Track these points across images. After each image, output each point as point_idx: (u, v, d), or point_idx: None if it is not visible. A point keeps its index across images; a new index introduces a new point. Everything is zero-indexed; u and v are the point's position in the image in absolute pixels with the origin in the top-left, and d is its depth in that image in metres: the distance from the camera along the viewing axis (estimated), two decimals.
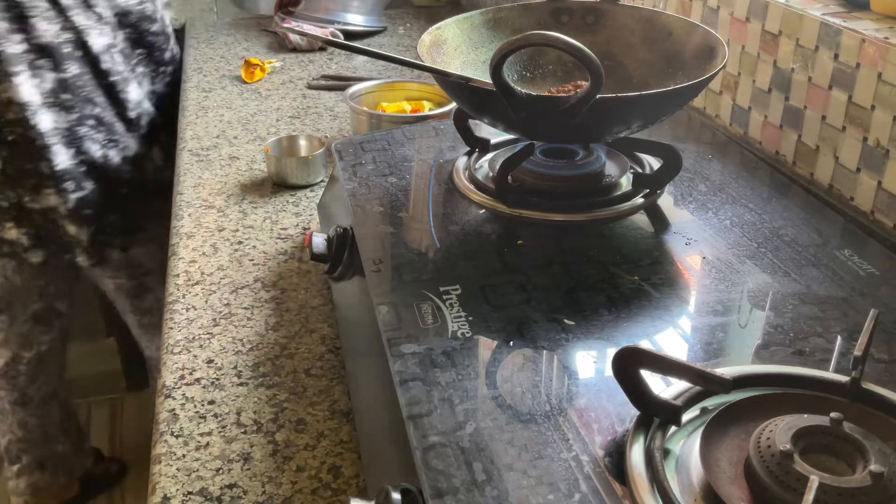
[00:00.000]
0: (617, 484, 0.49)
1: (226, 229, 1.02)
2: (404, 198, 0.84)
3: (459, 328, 0.63)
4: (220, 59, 1.66)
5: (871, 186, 0.82)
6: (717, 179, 0.86)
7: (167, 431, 0.70)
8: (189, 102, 1.44)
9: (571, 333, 0.62)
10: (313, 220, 1.04)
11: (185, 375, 0.77)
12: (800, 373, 0.56)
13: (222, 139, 1.29)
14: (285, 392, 0.74)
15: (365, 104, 1.25)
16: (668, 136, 0.96)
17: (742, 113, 1.02)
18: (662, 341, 0.62)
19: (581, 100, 0.70)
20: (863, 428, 0.48)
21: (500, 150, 0.89)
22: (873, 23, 0.83)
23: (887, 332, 0.62)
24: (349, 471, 0.66)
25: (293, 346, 0.81)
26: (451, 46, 0.92)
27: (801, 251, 0.73)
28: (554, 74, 0.96)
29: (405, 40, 1.78)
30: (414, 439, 0.52)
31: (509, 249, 0.75)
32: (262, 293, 0.89)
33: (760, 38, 0.96)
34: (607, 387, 0.56)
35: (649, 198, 0.81)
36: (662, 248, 0.76)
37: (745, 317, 0.66)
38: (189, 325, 0.84)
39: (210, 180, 1.15)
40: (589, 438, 0.52)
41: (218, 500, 0.63)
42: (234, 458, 0.67)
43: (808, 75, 0.89)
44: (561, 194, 0.81)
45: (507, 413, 0.55)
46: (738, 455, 0.49)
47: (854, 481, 0.44)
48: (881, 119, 0.80)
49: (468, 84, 0.76)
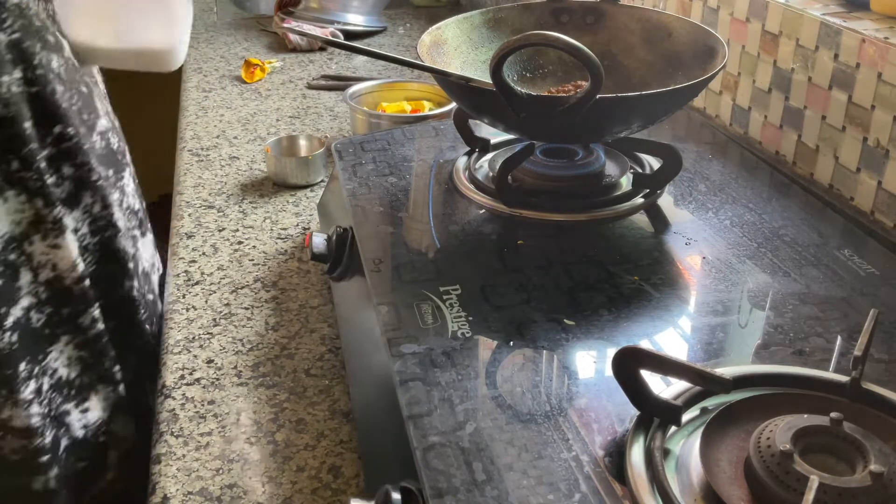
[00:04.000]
0: (617, 484, 0.49)
1: (226, 229, 1.02)
2: (404, 198, 0.84)
3: (459, 328, 0.63)
4: (220, 59, 1.66)
5: (871, 186, 0.82)
6: (717, 179, 0.86)
7: (167, 431, 0.70)
8: (189, 102, 1.44)
9: (571, 333, 0.62)
10: (313, 220, 1.04)
11: (185, 375, 0.77)
12: (800, 373, 0.56)
13: (222, 139, 1.29)
14: (285, 392, 0.74)
15: (365, 104, 1.25)
16: (668, 136, 0.96)
17: (742, 113, 1.02)
18: (662, 341, 0.62)
19: (581, 100, 0.70)
20: (863, 428, 0.48)
21: (500, 150, 0.89)
22: (873, 23, 0.83)
23: (887, 332, 0.62)
24: (349, 471, 0.66)
25: (293, 346, 0.81)
26: (451, 46, 0.92)
27: (801, 251, 0.73)
28: (554, 74, 0.96)
29: (405, 40, 1.78)
30: (414, 439, 0.52)
31: (509, 249, 0.75)
32: (262, 293, 0.89)
33: (760, 38, 0.96)
34: (607, 387, 0.56)
35: (649, 198, 0.81)
36: (662, 248, 0.76)
37: (745, 317, 0.66)
38: (189, 325, 0.84)
39: (210, 180, 1.15)
40: (589, 438, 0.52)
41: (218, 500, 0.63)
42: (234, 458, 0.67)
43: (808, 75, 0.89)
44: (561, 194, 0.81)
45: (507, 413, 0.55)
46: (738, 455, 0.49)
47: (854, 481, 0.44)
48: (881, 119, 0.80)
49: (468, 84, 0.76)
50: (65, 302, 0.80)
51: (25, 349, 0.77)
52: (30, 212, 0.77)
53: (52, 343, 0.80)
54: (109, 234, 0.85)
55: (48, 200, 0.78)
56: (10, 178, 0.75)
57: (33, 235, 0.77)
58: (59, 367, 0.80)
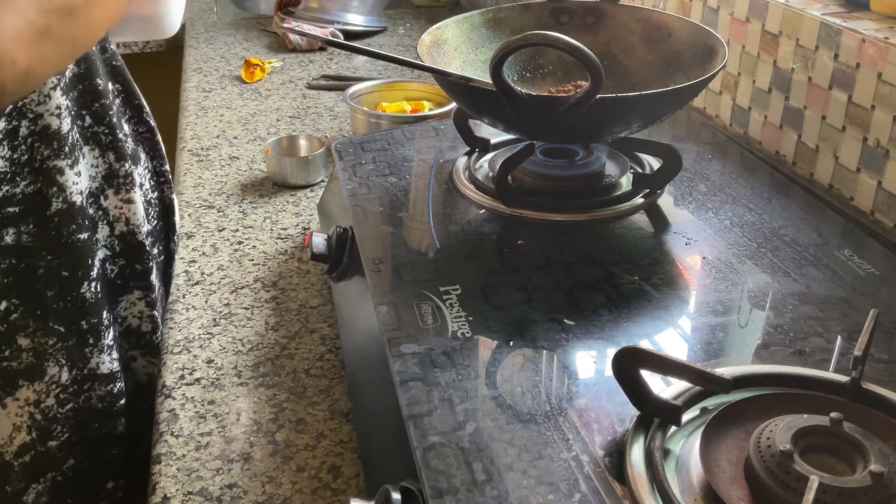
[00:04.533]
0: (617, 484, 0.49)
1: (226, 229, 1.02)
2: (404, 198, 0.84)
3: (459, 328, 0.63)
4: (220, 59, 1.66)
5: (871, 186, 0.82)
6: (717, 179, 0.86)
7: (167, 431, 0.70)
8: (189, 102, 1.44)
9: (571, 333, 0.62)
10: (313, 220, 1.04)
11: (185, 375, 0.77)
12: (800, 373, 0.56)
13: (222, 139, 1.29)
14: (285, 392, 0.74)
15: (365, 104, 1.25)
16: (668, 136, 0.96)
17: (742, 113, 1.02)
18: (662, 341, 0.62)
19: (581, 100, 0.70)
20: (863, 428, 0.48)
21: (500, 150, 0.89)
22: (873, 23, 0.83)
23: (887, 332, 0.62)
24: (349, 471, 0.66)
25: (293, 346, 0.81)
26: (451, 46, 0.92)
27: (801, 251, 0.73)
28: (554, 74, 0.96)
29: (405, 40, 1.78)
30: (414, 439, 0.52)
31: (509, 249, 0.75)
32: (262, 293, 0.89)
33: (760, 38, 0.96)
34: (607, 387, 0.56)
35: (649, 198, 0.81)
36: (662, 248, 0.76)
37: (745, 317, 0.66)
38: (189, 325, 0.84)
39: (210, 180, 1.15)
40: (589, 438, 0.52)
41: (218, 500, 0.63)
42: (234, 458, 0.67)
43: (808, 75, 0.89)
44: (561, 194, 0.81)
45: (507, 413, 0.55)
46: (738, 455, 0.49)
47: (854, 481, 0.44)
48: (881, 119, 0.80)
49: (468, 84, 0.76)
50: (135, 255, 0.84)
51: (105, 298, 0.81)
52: (103, 166, 0.81)
53: (124, 293, 0.84)
54: (166, 190, 0.90)
55: (119, 154, 0.81)
56: (85, 134, 0.78)
57: (108, 190, 0.81)
58: (128, 317, 0.84)
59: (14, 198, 0.72)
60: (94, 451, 0.81)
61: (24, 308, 0.74)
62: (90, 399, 0.80)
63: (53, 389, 0.76)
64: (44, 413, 0.76)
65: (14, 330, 0.74)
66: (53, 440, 0.77)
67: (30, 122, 0.71)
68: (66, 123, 0.74)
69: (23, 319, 0.74)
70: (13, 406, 0.75)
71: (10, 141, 0.70)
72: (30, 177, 0.72)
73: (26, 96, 0.70)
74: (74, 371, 0.78)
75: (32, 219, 0.73)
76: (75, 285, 0.76)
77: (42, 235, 0.74)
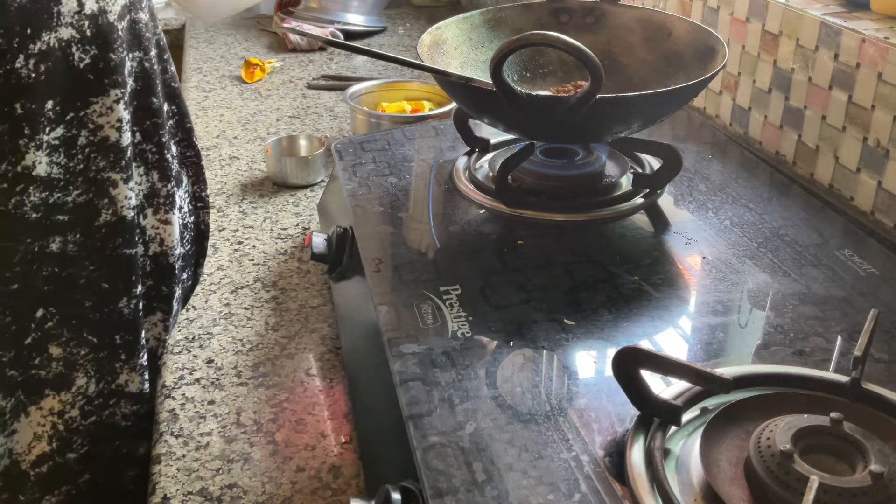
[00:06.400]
0: (617, 484, 0.49)
1: (226, 229, 1.02)
2: (404, 198, 0.84)
3: (459, 328, 0.63)
4: (220, 59, 1.66)
5: (871, 186, 0.82)
6: (717, 179, 0.86)
7: (167, 431, 0.70)
8: (189, 102, 1.44)
9: (571, 333, 0.62)
10: (313, 220, 1.04)
11: (185, 375, 0.77)
12: (800, 373, 0.56)
13: (222, 139, 1.29)
14: (285, 392, 0.74)
15: (365, 104, 1.25)
16: (668, 136, 0.96)
17: (742, 113, 1.02)
18: (662, 341, 0.62)
19: (581, 100, 0.70)
20: (863, 428, 0.48)
21: (500, 150, 0.89)
22: (873, 23, 0.83)
23: (887, 332, 0.62)
24: (349, 471, 0.66)
25: (293, 346, 0.81)
26: (451, 46, 0.92)
27: (801, 251, 0.73)
28: (554, 74, 0.96)
29: (405, 40, 1.78)
30: (414, 439, 0.52)
31: (509, 249, 0.75)
32: (262, 293, 0.89)
33: (760, 38, 0.96)
34: (607, 387, 0.56)
35: (649, 198, 0.81)
36: (662, 248, 0.76)
37: (745, 317, 0.66)
38: (189, 325, 0.84)
39: (210, 180, 1.15)
40: (589, 438, 0.52)
41: (218, 500, 0.63)
42: (234, 458, 0.67)
43: (808, 75, 0.89)
44: (561, 194, 0.81)
45: (507, 413, 0.55)
46: (738, 455, 0.49)
47: (854, 481, 0.44)
48: (881, 119, 0.80)
49: (468, 84, 0.76)
50: (164, 277, 0.83)
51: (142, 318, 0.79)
52: (146, 185, 0.79)
53: (147, 314, 0.82)
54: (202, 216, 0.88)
55: (164, 175, 0.80)
56: (133, 150, 0.77)
57: (147, 209, 0.80)
58: (150, 339, 0.82)
59: (64, 206, 0.71)
60: (111, 469, 0.80)
61: (59, 317, 0.73)
62: (114, 415, 0.78)
63: (79, 401, 0.75)
64: (66, 424, 0.75)
65: (47, 339, 0.73)
66: (73, 452, 0.76)
67: (89, 132, 0.70)
68: (125, 137, 0.73)
69: (57, 328, 0.73)
70: (36, 415, 0.74)
71: (68, 149, 0.70)
72: (83, 186, 0.71)
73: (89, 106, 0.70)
74: (102, 384, 0.77)
75: (80, 228, 0.72)
76: (113, 298, 0.75)
77: (87, 245, 0.73)
